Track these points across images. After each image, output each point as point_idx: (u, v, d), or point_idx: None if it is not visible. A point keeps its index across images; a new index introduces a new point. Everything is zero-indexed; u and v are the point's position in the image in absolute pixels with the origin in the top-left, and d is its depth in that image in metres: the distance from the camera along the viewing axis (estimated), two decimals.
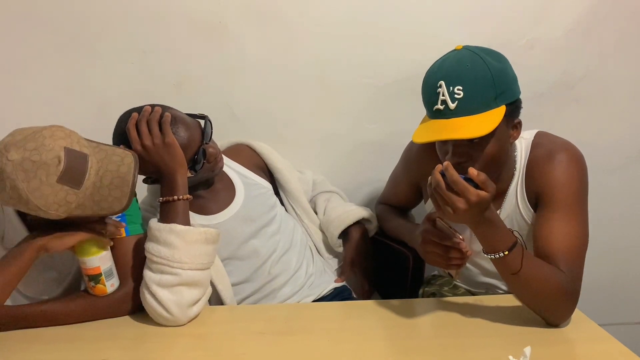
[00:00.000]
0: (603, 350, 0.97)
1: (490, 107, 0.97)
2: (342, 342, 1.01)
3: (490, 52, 1.02)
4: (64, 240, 0.98)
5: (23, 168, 0.87)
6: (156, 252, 1.04)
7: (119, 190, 0.95)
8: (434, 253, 1.05)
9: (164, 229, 1.05)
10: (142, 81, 1.46)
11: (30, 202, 0.88)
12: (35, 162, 0.87)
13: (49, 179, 0.88)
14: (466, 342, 1.00)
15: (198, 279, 1.06)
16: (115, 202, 0.95)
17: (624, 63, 1.58)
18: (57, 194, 0.89)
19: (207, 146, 1.18)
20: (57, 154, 0.89)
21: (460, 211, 0.89)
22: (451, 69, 0.99)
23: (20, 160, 0.87)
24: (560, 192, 1.05)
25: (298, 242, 1.36)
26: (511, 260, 0.96)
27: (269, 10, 1.46)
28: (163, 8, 1.43)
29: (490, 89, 0.96)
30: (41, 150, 0.88)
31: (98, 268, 1.03)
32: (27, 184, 0.87)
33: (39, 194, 0.88)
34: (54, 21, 1.41)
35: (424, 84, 1.05)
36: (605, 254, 1.77)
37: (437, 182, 0.90)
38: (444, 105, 0.98)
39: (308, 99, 1.57)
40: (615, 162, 1.69)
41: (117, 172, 0.96)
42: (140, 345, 1.01)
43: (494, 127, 0.95)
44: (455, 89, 0.96)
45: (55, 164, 0.88)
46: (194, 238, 1.06)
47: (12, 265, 0.96)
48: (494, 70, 0.97)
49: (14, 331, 1.03)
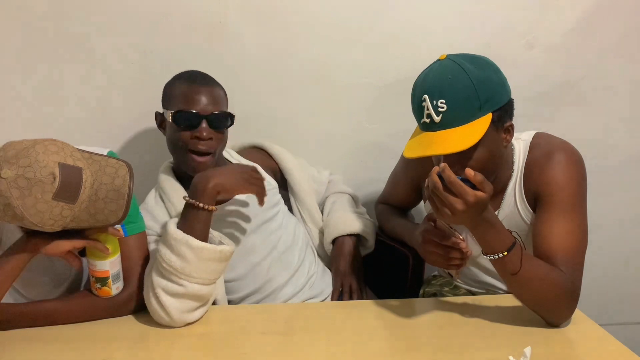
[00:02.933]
0: (603, 350, 0.97)
1: (476, 116, 0.97)
2: (342, 342, 1.01)
3: (473, 59, 1.00)
4: (59, 245, 0.96)
5: (17, 185, 0.85)
6: (167, 260, 1.02)
7: (115, 204, 0.94)
8: (434, 253, 1.06)
9: (181, 241, 1.02)
10: (142, 81, 1.46)
11: (26, 219, 0.87)
12: (29, 179, 0.86)
13: (45, 196, 0.86)
14: (466, 342, 1.00)
15: (203, 293, 1.05)
16: (111, 215, 0.95)
17: (624, 63, 1.58)
18: (53, 210, 0.88)
19: (205, 127, 1.16)
20: (52, 171, 0.87)
21: (458, 212, 0.89)
22: (434, 82, 0.98)
23: (14, 177, 0.85)
24: (559, 193, 1.05)
25: (300, 241, 1.36)
26: (510, 261, 0.96)
27: (269, 10, 1.46)
28: (163, 8, 1.43)
29: (474, 100, 0.96)
30: (35, 167, 0.86)
31: (107, 272, 1.03)
32: (22, 201, 0.86)
33: (34, 211, 0.87)
34: (53, 21, 1.41)
35: (411, 96, 1.05)
36: (605, 254, 1.77)
37: (434, 184, 0.90)
38: (430, 119, 0.98)
39: (308, 99, 1.57)
40: (615, 162, 1.69)
41: (111, 184, 0.95)
42: (140, 345, 1.01)
43: (478, 139, 0.95)
44: (439, 103, 0.97)
45: (51, 182, 0.87)
46: (209, 256, 1.04)
47: (6, 265, 0.95)
48: (476, 80, 0.96)
49: (14, 331, 1.03)
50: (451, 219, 0.92)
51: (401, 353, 0.98)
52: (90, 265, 1.03)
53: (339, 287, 1.33)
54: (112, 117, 1.51)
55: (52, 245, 0.96)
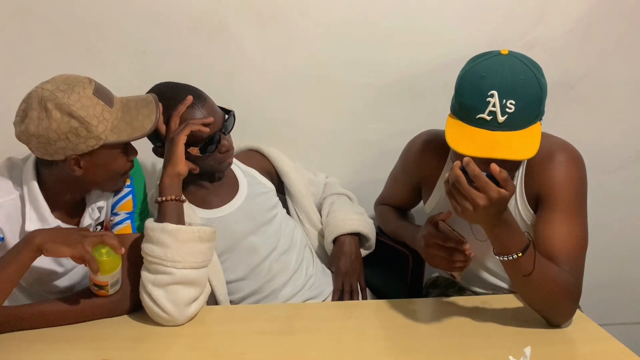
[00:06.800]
0: (603, 350, 0.97)
1: (531, 123, 0.96)
2: (342, 342, 1.01)
3: (535, 64, 0.99)
4: (59, 248, 0.96)
5: (60, 89, 0.96)
6: (150, 251, 1.04)
7: (146, 109, 1.04)
8: (437, 256, 1.05)
9: (157, 228, 1.05)
10: (142, 81, 1.46)
11: (74, 113, 0.95)
12: (69, 84, 0.97)
13: (86, 91, 0.97)
14: (466, 342, 1.00)
15: (193, 278, 1.06)
16: (146, 120, 1.03)
17: (624, 63, 1.58)
18: (96, 107, 0.97)
19: (224, 137, 1.20)
20: (86, 77, 1.00)
21: (480, 208, 0.87)
22: (506, 80, 0.94)
23: (55, 87, 0.96)
24: (560, 193, 1.04)
25: (298, 243, 1.36)
26: (524, 263, 0.95)
27: (269, 10, 1.46)
28: (163, 8, 1.43)
29: (537, 106, 0.95)
30: (70, 79, 0.99)
31: (106, 282, 1.03)
32: (68, 98, 0.95)
33: (80, 105, 0.96)
34: (53, 21, 1.41)
35: (466, 85, 0.98)
36: (605, 255, 1.77)
37: (456, 177, 0.87)
38: (492, 117, 0.94)
39: (308, 99, 1.57)
40: (615, 162, 1.69)
41: (138, 98, 1.07)
42: (140, 345, 1.01)
43: (538, 147, 0.93)
44: (508, 102, 0.93)
45: (88, 82, 0.99)
46: (187, 237, 1.06)
47: (10, 266, 0.95)
48: (543, 87, 0.95)
49: (15, 331, 1.03)
50: (471, 215, 0.89)
51: (401, 353, 0.98)
52: (89, 274, 1.03)
53: (339, 287, 1.33)
54: None
55: (54, 245, 0.96)
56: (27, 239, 0.96)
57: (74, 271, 1.16)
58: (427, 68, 1.52)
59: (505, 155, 0.92)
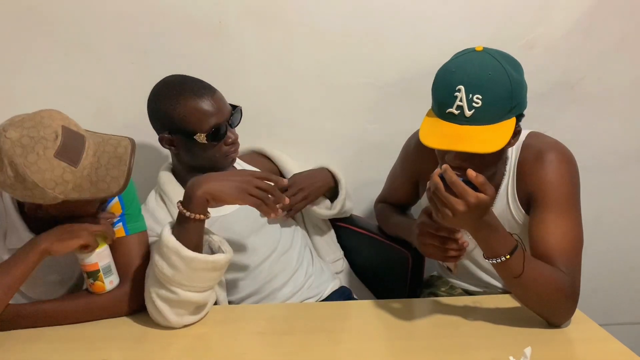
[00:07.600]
0: (603, 350, 0.97)
1: (503, 118, 0.95)
2: (342, 342, 1.01)
3: (509, 59, 0.99)
4: (67, 244, 0.98)
5: (21, 144, 0.87)
6: (160, 266, 1.01)
7: (117, 170, 0.95)
8: (431, 245, 1.04)
9: (172, 249, 1.00)
10: (142, 81, 1.46)
11: (27, 177, 0.87)
12: (33, 137, 0.87)
13: (47, 152, 0.88)
14: (466, 342, 1.00)
15: (196, 300, 1.04)
16: (113, 183, 0.94)
17: (624, 63, 1.58)
18: (54, 170, 0.88)
19: (230, 130, 1.21)
20: (55, 130, 0.89)
21: (459, 213, 0.88)
22: (473, 75, 0.95)
23: (18, 137, 0.87)
24: (552, 193, 1.04)
25: (298, 243, 1.36)
26: (513, 264, 0.95)
27: (269, 10, 1.46)
28: (163, 8, 1.43)
29: (508, 102, 0.95)
30: (39, 127, 0.88)
31: (96, 264, 1.04)
32: (25, 159, 0.87)
33: (36, 169, 0.87)
34: (53, 21, 1.41)
35: (438, 80, 1.00)
36: (605, 254, 1.77)
37: (435, 185, 0.90)
38: (459, 111, 0.95)
39: (308, 99, 1.57)
40: (614, 162, 1.69)
41: (114, 153, 0.96)
42: (140, 345, 1.01)
43: (507, 141, 0.93)
44: (475, 97, 0.93)
45: (53, 139, 0.88)
46: (200, 267, 1.02)
47: (16, 268, 0.96)
48: (514, 82, 0.95)
49: (15, 331, 1.03)
50: (452, 221, 0.91)
51: (401, 353, 0.98)
52: (79, 260, 1.04)
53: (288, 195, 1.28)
54: (111, 117, 1.51)
55: (60, 244, 0.97)
56: (32, 244, 0.98)
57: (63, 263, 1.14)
58: (427, 68, 1.51)
59: (466, 148, 0.93)
